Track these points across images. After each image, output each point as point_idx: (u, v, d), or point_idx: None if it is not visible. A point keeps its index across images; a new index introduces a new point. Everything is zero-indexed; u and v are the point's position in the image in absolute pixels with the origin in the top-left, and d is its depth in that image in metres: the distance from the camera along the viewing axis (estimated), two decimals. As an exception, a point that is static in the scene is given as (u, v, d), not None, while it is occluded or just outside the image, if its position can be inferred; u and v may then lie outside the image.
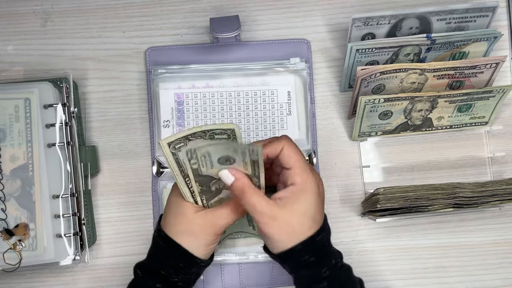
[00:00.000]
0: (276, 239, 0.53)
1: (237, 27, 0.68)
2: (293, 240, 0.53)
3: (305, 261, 0.54)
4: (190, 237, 0.56)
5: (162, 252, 0.57)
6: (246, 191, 0.53)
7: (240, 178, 0.53)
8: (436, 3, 0.72)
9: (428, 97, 0.66)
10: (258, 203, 0.53)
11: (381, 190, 0.64)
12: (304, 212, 0.53)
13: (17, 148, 0.66)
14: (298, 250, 0.53)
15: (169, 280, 0.57)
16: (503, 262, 0.71)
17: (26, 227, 0.65)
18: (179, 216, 0.56)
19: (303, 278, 0.55)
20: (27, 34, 0.73)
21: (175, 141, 0.53)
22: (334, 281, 0.55)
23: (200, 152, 0.52)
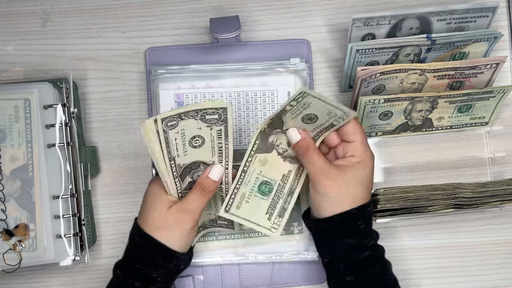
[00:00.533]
0: (333, 198, 0.56)
1: (237, 28, 0.68)
2: (350, 203, 0.56)
3: (357, 227, 0.57)
4: (167, 231, 0.57)
5: (139, 248, 0.58)
6: (310, 149, 0.57)
7: (306, 138, 0.58)
8: (436, 4, 0.72)
9: (428, 97, 0.66)
10: (320, 162, 0.57)
11: (381, 191, 0.64)
12: (361, 181, 0.57)
13: (17, 149, 0.66)
14: (353, 214, 0.56)
15: (149, 276, 0.57)
16: (504, 262, 0.71)
17: (26, 228, 0.65)
18: (154, 211, 0.58)
19: (347, 246, 0.57)
20: (27, 34, 0.73)
21: (168, 118, 0.54)
22: (375, 252, 0.58)
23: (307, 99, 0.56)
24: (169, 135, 0.55)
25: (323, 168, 0.56)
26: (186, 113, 0.55)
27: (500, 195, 0.65)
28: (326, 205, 0.57)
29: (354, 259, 0.57)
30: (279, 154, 0.61)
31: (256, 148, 0.59)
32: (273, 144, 0.60)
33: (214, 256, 0.68)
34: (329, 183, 0.56)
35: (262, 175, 0.60)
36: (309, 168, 0.57)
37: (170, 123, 0.54)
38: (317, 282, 0.70)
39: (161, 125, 0.54)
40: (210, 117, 0.56)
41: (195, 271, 0.69)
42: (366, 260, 0.57)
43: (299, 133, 0.59)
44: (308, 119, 0.58)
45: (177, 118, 0.55)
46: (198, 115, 0.55)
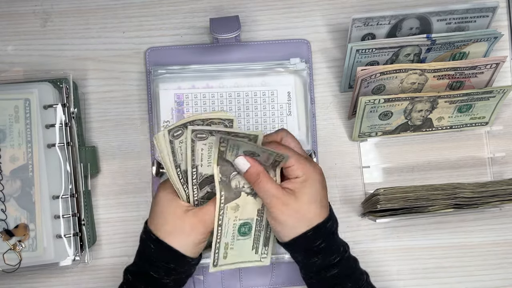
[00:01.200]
0: (288, 224, 0.55)
1: (237, 28, 0.68)
2: (304, 226, 0.55)
3: (317, 247, 0.56)
4: (181, 237, 0.56)
5: (152, 254, 0.57)
6: (261, 176, 0.56)
7: (255, 165, 0.56)
8: (436, 4, 0.72)
9: (428, 97, 0.66)
10: (272, 189, 0.55)
11: (381, 191, 0.64)
12: (312, 200, 0.56)
13: (17, 149, 0.66)
14: (309, 235, 0.55)
15: (160, 281, 0.57)
16: (503, 262, 0.71)
17: (26, 228, 0.65)
18: (168, 216, 0.57)
19: (313, 266, 0.56)
20: (27, 34, 0.73)
21: (175, 128, 0.54)
22: (343, 268, 0.57)
23: (231, 142, 0.54)
24: (196, 144, 0.55)
25: (276, 195, 0.55)
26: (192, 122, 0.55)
27: (500, 195, 0.65)
28: (283, 231, 0.56)
29: (323, 277, 0.56)
30: (248, 194, 0.59)
31: (224, 200, 0.57)
32: (238, 188, 0.58)
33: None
34: (282, 209, 0.55)
35: (238, 220, 0.59)
36: (262, 196, 0.56)
37: (199, 135, 0.55)
38: (317, 282, 0.70)
39: (190, 134, 0.54)
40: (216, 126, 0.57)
41: (195, 271, 0.69)
42: (334, 278, 0.56)
43: (247, 160, 0.56)
44: (250, 154, 0.56)
45: (182, 128, 0.55)
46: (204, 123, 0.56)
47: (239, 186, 0.58)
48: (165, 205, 0.57)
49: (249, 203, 0.59)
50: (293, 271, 0.69)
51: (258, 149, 0.55)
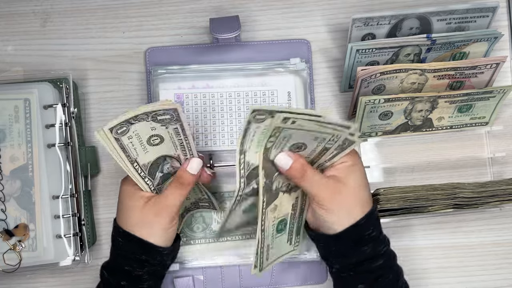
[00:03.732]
0: (343, 212, 0.54)
1: (237, 28, 0.68)
2: (360, 212, 0.54)
3: (368, 235, 0.55)
4: (146, 226, 0.57)
5: (122, 248, 0.58)
6: (306, 170, 0.54)
7: (298, 159, 0.54)
8: (436, 4, 0.72)
9: (428, 97, 0.66)
10: (320, 179, 0.54)
11: (381, 191, 0.64)
12: (362, 184, 0.55)
13: (17, 149, 0.66)
14: (363, 223, 0.54)
15: (133, 274, 0.57)
16: (504, 262, 0.71)
17: (26, 228, 0.65)
18: (131, 208, 0.57)
19: (360, 257, 0.55)
20: (27, 34, 0.73)
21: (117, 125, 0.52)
22: (387, 259, 0.56)
23: (283, 133, 0.51)
24: (122, 141, 0.54)
25: (326, 184, 0.54)
26: (135, 117, 0.53)
27: (500, 195, 0.65)
28: (337, 221, 0.54)
29: (367, 268, 0.55)
30: (284, 192, 0.57)
31: (266, 204, 0.55)
32: (278, 188, 0.56)
33: (215, 258, 0.68)
34: (336, 199, 0.53)
35: (276, 219, 0.58)
36: (312, 190, 0.54)
37: (119, 130, 0.53)
38: (317, 282, 0.70)
39: (110, 134, 0.53)
40: (162, 118, 0.55)
41: (195, 272, 0.69)
42: (379, 269, 0.55)
43: (289, 156, 0.54)
44: (296, 148, 0.54)
45: (126, 124, 0.53)
46: (148, 117, 0.54)
47: (278, 187, 0.56)
48: (126, 199, 0.58)
49: (285, 200, 0.58)
50: (293, 271, 0.69)
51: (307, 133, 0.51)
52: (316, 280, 0.70)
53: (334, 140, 0.53)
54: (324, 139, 0.52)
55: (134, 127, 0.54)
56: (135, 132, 0.55)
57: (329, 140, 0.53)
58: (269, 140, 0.52)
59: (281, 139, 0.52)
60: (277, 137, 0.52)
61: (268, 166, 0.54)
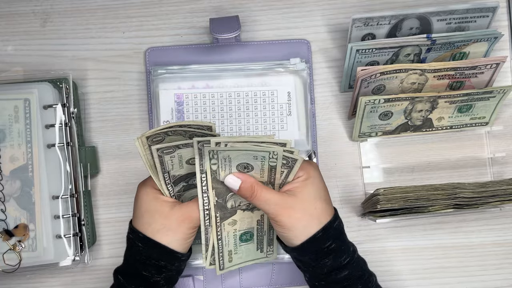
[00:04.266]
0: (299, 227, 0.54)
1: (237, 28, 0.68)
2: (315, 225, 0.54)
3: (327, 248, 0.54)
4: (169, 233, 0.56)
5: (141, 253, 0.57)
6: (255, 189, 0.54)
7: (246, 179, 0.54)
8: (436, 4, 0.72)
9: (428, 97, 0.66)
10: (272, 197, 0.54)
11: (381, 191, 0.64)
12: (317, 197, 0.55)
13: (17, 149, 0.66)
14: (319, 236, 0.54)
15: (151, 280, 0.57)
16: (504, 262, 0.71)
17: (25, 228, 0.65)
18: (155, 214, 0.57)
19: (323, 268, 0.55)
20: (27, 34, 0.73)
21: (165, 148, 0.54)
22: (354, 269, 0.56)
23: (221, 154, 0.52)
24: (164, 158, 0.55)
25: (277, 201, 0.54)
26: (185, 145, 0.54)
27: (500, 195, 0.65)
28: (294, 235, 0.54)
29: (333, 279, 0.55)
30: (244, 210, 0.58)
31: (220, 219, 0.57)
32: (234, 207, 0.57)
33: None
34: (288, 213, 0.53)
35: (238, 231, 0.59)
36: (263, 206, 0.54)
37: (166, 150, 0.54)
38: (317, 282, 0.70)
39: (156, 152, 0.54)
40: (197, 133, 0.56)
41: (195, 272, 0.69)
42: (344, 280, 0.55)
43: (237, 177, 0.54)
44: (244, 168, 0.54)
45: (174, 148, 0.54)
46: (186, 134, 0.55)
47: (234, 205, 0.57)
48: (149, 203, 0.57)
49: (246, 217, 0.59)
50: (293, 271, 0.69)
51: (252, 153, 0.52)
52: (316, 280, 0.70)
53: (275, 158, 0.53)
54: (264, 157, 0.53)
55: (181, 151, 0.55)
56: (179, 154, 0.56)
57: (270, 158, 0.53)
58: (211, 163, 0.53)
59: (222, 161, 0.53)
60: (217, 159, 0.53)
61: (219, 186, 0.55)
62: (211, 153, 0.52)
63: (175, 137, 0.55)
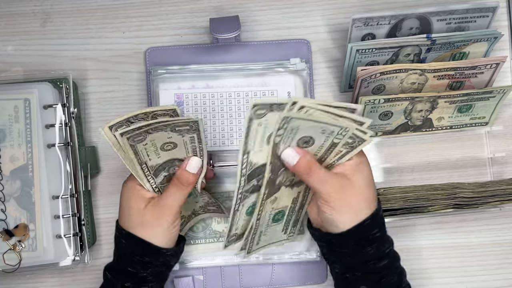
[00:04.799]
0: (350, 211, 0.53)
1: (237, 28, 0.68)
2: (366, 211, 0.53)
3: (373, 235, 0.54)
4: (148, 228, 0.56)
5: (125, 249, 0.57)
6: (312, 167, 0.53)
7: (305, 155, 0.53)
8: (436, 4, 0.72)
9: (428, 97, 0.66)
10: (327, 176, 0.53)
11: (381, 191, 0.64)
12: (369, 183, 0.54)
13: (17, 149, 0.66)
14: (368, 223, 0.53)
15: (138, 276, 0.57)
16: (504, 262, 0.71)
17: (26, 228, 0.65)
18: (132, 210, 0.57)
19: (364, 257, 0.54)
20: (27, 34, 0.73)
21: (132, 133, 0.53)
22: (392, 260, 0.55)
23: (292, 124, 0.50)
24: (137, 147, 0.55)
25: (332, 182, 0.53)
26: (154, 128, 0.53)
27: (500, 195, 0.65)
28: (343, 219, 0.53)
29: (371, 269, 0.54)
30: (286, 186, 0.57)
31: (266, 196, 0.55)
32: (281, 183, 0.56)
33: (215, 258, 0.68)
34: (343, 197, 0.52)
35: (274, 210, 0.58)
36: (317, 186, 0.53)
37: (136, 138, 0.53)
38: (317, 282, 0.70)
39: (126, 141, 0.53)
40: (180, 128, 0.55)
41: (195, 271, 0.69)
42: (383, 270, 0.54)
43: (296, 152, 0.52)
44: (304, 143, 0.53)
45: (144, 134, 0.54)
46: (168, 128, 0.55)
47: (282, 181, 0.56)
48: (127, 200, 0.58)
49: (286, 194, 0.58)
50: (293, 271, 0.69)
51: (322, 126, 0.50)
52: (316, 280, 0.70)
53: (343, 134, 0.52)
54: (332, 132, 0.51)
55: (152, 136, 0.55)
56: (152, 141, 0.55)
57: (338, 134, 0.51)
58: (277, 133, 0.50)
59: (288, 132, 0.51)
60: (285, 129, 0.50)
61: (275, 161, 0.53)
62: (284, 120, 0.49)
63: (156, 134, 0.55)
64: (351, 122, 0.51)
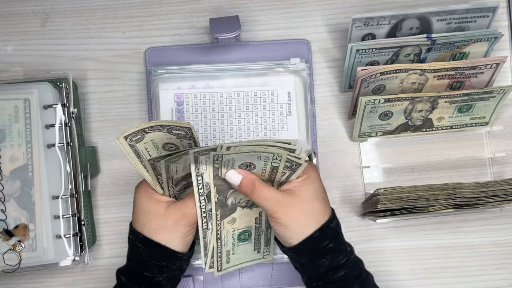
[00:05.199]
0: (297, 226, 0.54)
1: (237, 28, 0.68)
2: (313, 225, 0.54)
3: (324, 248, 0.55)
4: (166, 232, 0.56)
5: (141, 253, 0.57)
6: (256, 185, 0.54)
7: (247, 175, 0.55)
8: (436, 4, 0.72)
9: (429, 97, 0.66)
10: (272, 194, 0.54)
11: (381, 191, 0.64)
12: (315, 197, 0.55)
13: (17, 149, 0.66)
14: (317, 236, 0.54)
15: (154, 280, 0.57)
16: (504, 262, 0.71)
17: (25, 228, 0.65)
18: (150, 214, 0.57)
19: (320, 268, 0.55)
20: (27, 34, 0.73)
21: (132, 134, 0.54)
22: (351, 269, 0.56)
23: (226, 157, 0.53)
24: (137, 147, 0.55)
25: (277, 199, 0.54)
26: (150, 128, 0.54)
27: (500, 195, 0.65)
28: (291, 234, 0.54)
29: (330, 279, 0.55)
30: (243, 207, 0.59)
31: (220, 217, 0.57)
32: (234, 204, 0.58)
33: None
34: (286, 211, 0.54)
35: (236, 230, 0.60)
36: (263, 203, 0.54)
37: (134, 137, 0.54)
38: (317, 282, 0.70)
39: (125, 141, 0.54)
40: (176, 132, 0.56)
41: (195, 272, 0.69)
42: (342, 280, 0.55)
43: (238, 173, 0.54)
44: (246, 167, 0.55)
45: (141, 133, 0.54)
46: (164, 128, 0.55)
47: (235, 202, 0.58)
48: (145, 204, 0.57)
49: (245, 215, 0.59)
50: (293, 271, 0.69)
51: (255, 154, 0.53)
52: (316, 280, 0.70)
53: (278, 159, 0.53)
54: (267, 157, 0.53)
55: (149, 135, 0.55)
56: (152, 140, 0.56)
57: (273, 159, 0.53)
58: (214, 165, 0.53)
59: (226, 162, 0.54)
60: (221, 161, 0.53)
61: (220, 183, 0.55)
62: (215, 157, 0.52)
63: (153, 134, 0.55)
64: (282, 150, 0.53)
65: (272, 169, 0.55)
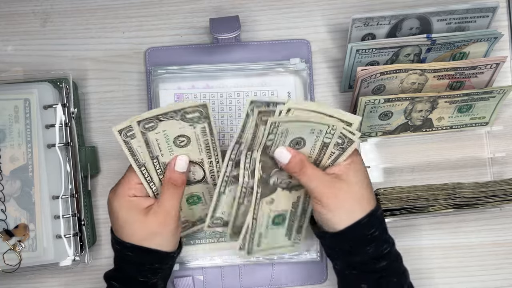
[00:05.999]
0: (343, 210, 0.53)
1: (237, 28, 0.68)
2: (360, 211, 0.53)
3: (371, 235, 0.54)
4: (157, 237, 0.56)
5: (133, 261, 0.56)
6: (305, 165, 0.53)
7: (296, 154, 0.54)
8: (436, 4, 0.72)
9: (428, 97, 0.66)
10: (319, 175, 0.53)
11: (381, 191, 0.64)
12: (363, 182, 0.54)
13: (17, 149, 0.66)
14: (365, 222, 0.53)
15: (148, 283, 0.57)
16: (504, 263, 0.71)
17: (26, 228, 0.65)
18: (135, 224, 0.56)
19: (363, 256, 0.54)
20: (27, 34, 0.73)
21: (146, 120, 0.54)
22: (391, 261, 0.55)
23: (281, 127, 0.52)
24: (148, 136, 0.55)
25: (325, 181, 0.53)
26: (164, 114, 0.54)
27: (500, 195, 0.65)
28: (337, 218, 0.53)
29: (370, 268, 0.54)
30: (283, 189, 0.58)
31: (260, 195, 0.56)
32: (275, 184, 0.57)
33: (215, 258, 0.68)
34: (336, 195, 0.53)
35: (272, 212, 0.59)
36: (310, 184, 0.53)
37: (147, 125, 0.54)
38: (317, 282, 0.70)
39: (138, 127, 0.54)
40: (191, 116, 0.55)
41: (195, 272, 0.69)
42: (382, 270, 0.54)
43: (288, 151, 0.54)
44: (296, 144, 0.54)
45: (155, 120, 0.54)
46: (177, 115, 0.55)
47: (276, 182, 0.57)
48: (128, 216, 0.56)
49: (284, 197, 0.59)
50: (293, 271, 0.69)
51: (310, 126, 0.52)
52: (315, 280, 0.70)
53: (331, 133, 0.53)
54: (321, 131, 0.53)
55: (163, 124, 0.55)
56: (163, 130, 0.55)
57: (326, 133, 0.53)
58: (268, 138, 0.52)
59: (279, 136, 0.52)
60: (275, 134, 0.52)
61: (266, 160, 0.54)
62: (272, 126, 0.51)
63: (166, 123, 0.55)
64: (338, 121, 0.52)
65: (322, 147, 0.54)
